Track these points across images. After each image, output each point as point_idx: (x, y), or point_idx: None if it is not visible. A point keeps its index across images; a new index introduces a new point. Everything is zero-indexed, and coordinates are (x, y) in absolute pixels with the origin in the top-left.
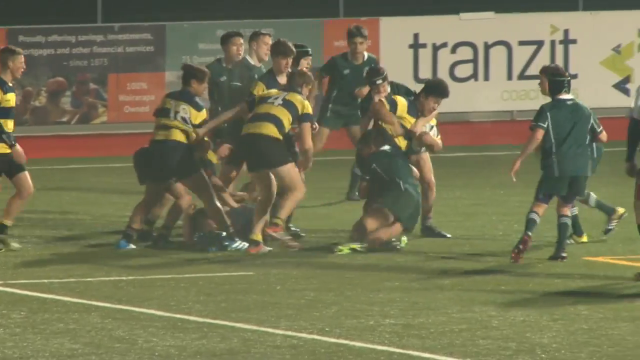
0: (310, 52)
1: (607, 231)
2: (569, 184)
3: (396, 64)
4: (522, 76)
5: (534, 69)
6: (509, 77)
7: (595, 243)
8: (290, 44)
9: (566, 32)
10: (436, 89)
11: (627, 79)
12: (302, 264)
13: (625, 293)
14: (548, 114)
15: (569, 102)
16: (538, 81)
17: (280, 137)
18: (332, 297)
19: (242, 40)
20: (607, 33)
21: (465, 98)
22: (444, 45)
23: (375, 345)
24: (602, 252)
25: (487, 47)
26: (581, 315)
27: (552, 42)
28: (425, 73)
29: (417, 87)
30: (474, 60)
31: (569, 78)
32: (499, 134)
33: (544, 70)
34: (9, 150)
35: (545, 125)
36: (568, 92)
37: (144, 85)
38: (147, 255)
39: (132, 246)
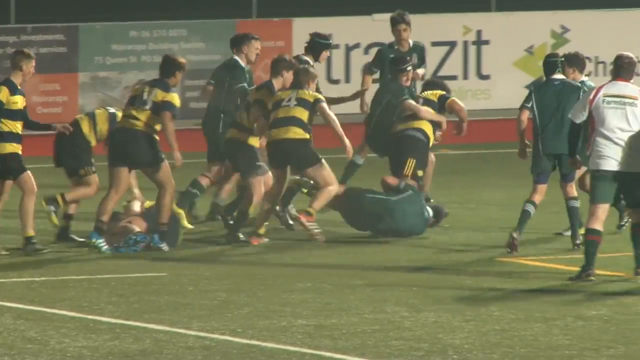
0: (331, 44)
1: (620, 227)
2: (558, 163)
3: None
4: (435, 77)
5: (447, 70)
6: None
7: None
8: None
9: (479, 32)
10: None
11: (539, 80)
12: (214, 265)
13: (537, 294)
14: (533, 95)
15: (556, 83)
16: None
17: (307, 136)
18: (244, 298)
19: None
20: (520, 34)
21: None
22: (357, 46)
23: (287, 346)
24: (514, 253)
25: None
26: (493, 316)
27: (465, 43)
28: (338, 74)
29: (329, 88)
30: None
31: (562, 59)
32: None
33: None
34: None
35: (530, 106)
36: (561, 72)
37: (57, 87)
38: (60, 256)
39: (101, 240)
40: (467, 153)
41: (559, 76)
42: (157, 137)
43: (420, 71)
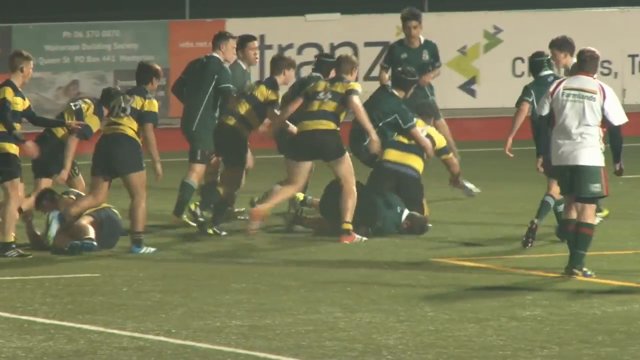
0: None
1: None
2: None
3: None
4: (367, 77)
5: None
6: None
7: (442, 243)
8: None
9: None
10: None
11: (472, 80)
12: (148, 266)
13: (471, 294)
14: (532, 90)
15: (549, 80)
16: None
17: (335, 127)
18: (178, 299)
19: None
20: (453, 34)
21: None
22: (290, 46)
23: (221, 347)
24: (449, 254)
25: (333, 48)
26: (427, 317)
27: None
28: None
29: None
30: None
31: (549, 57)
32: None
33: (552, 44)
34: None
35: (531, 100)
36: (549, 69)
37: None
38: None
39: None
40: None
41: (547, 72)
42: (140, 142)
43: (435, 72)
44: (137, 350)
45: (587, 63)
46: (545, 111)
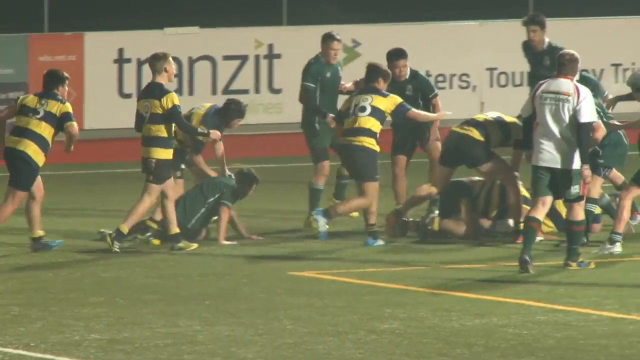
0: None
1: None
2: None
3: (101, 79)
4: (226, 91)
5: (239, 84)
6: (214, 92)
7: (301, 258)
8: None
9: (270, 46)
10: None
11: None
12: (7, 279)
13: (330, 307)
14: None
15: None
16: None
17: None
18: (37, 312)
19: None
20: (312, 48)
21: None
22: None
23: None
24: (307, 267)
25: (192, 61)
26: (286, 330)
27: (257, 57)
28: (129, 88)
29: (122, 103)
30: (179, 75)
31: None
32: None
33: None
34: None
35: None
36: None
37: None
38: None
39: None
40: (261, 167)
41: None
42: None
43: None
44: None
45: (565, 66)
46: (528, 113)
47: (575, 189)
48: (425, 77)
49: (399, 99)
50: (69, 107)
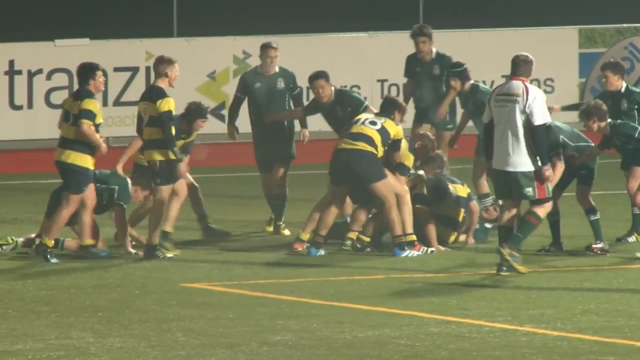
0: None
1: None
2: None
3: None
4: (117, 102)
5: (130, 95)
6: (105, 104)
7: (193, 269)
8: None
9: None
10: None
11: (222, 105)
12: None
13: (222, 319)
14: None
15: None
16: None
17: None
18: None
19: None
20: (202, 59)
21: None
22: (40, 71)
23: None
24: (199, 278)
25: None
26: (179, 342)
27: (148, 68)
28: (20, 100)
29: (12, 114)
30: (70, 87)
31: None
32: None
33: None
34: None
35: None
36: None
37: None
38: None
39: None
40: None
41: None
42: None
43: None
44: None
45: (519, 67)
46: (487, 118)
47: (528, 191)
48: (355, 95)
49: (402, 135)
50: (85, 104)
